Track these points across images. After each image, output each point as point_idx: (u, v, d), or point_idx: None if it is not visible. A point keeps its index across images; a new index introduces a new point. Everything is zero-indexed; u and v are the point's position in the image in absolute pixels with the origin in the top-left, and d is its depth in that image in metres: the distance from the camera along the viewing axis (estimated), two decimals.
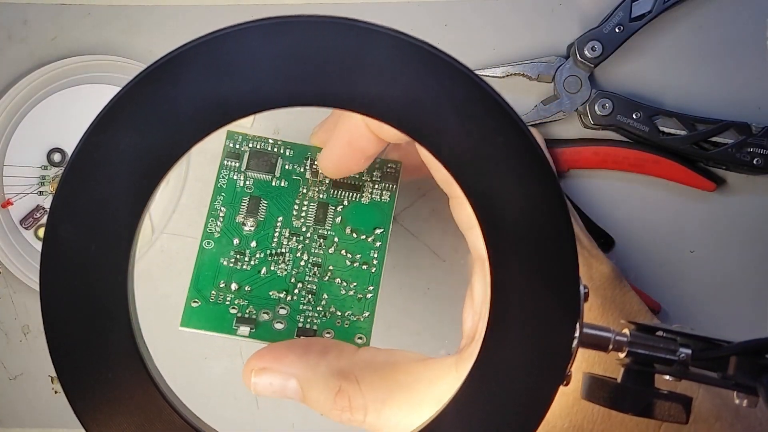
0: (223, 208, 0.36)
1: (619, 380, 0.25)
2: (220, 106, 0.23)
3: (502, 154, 0.22)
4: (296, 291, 0.36)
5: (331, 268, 0.36)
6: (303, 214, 0.36)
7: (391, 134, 0.32)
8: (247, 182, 0.36)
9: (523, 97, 0.42)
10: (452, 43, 0.42)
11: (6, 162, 0.41)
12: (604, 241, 0.42)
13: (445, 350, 0.42)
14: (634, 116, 0.41)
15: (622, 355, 0.25)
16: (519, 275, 0.23)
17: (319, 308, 0.36)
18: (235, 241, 0.36)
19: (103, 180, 0.23)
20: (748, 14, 0.42)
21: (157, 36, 0.42)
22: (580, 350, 0.24)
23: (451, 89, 0.23)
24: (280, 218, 0.36)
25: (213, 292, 0.35)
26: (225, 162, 0.37)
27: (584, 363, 0.32)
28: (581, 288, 0.23)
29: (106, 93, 0.41)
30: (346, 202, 0.36)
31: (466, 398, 0.23)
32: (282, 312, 0.35)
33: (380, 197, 0.36)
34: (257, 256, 0.36)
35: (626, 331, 0.25)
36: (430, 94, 0.23)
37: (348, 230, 0.36)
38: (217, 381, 0.42)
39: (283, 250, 0.36)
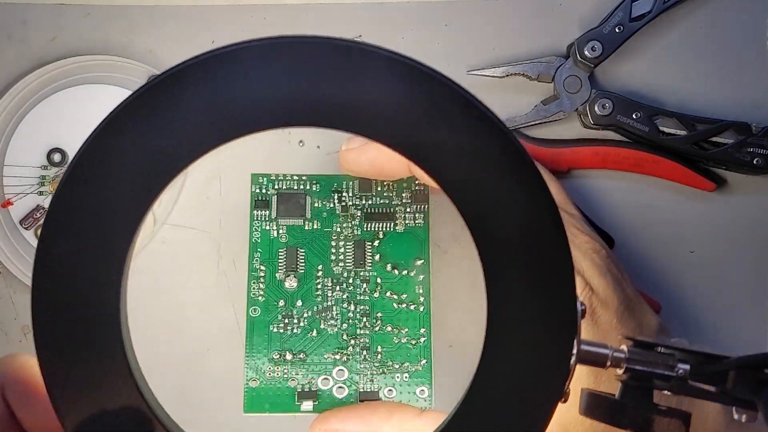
0: (262, 267, 0.36)
1: (617, 396, 0.25)
2: (216, 125, 0.23)
3: (496, 172, 0.22)
4: (350, 348, 0.35)
5: (379, 315, 0.36)
6: (341, 257, 0.36)
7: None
8: (280, 231, 0.36)
9: (523, 97, 0.42)
10: (452, 43, 0.42)
11: (6, 162, 0.41)
12: (604, 241, 0.42)
13: None
14: (634, 116, 0.41)
15: (620, 371, 0.24)
16: (515, 292, 0.23)
17: (376, 364, 0.35)
18: (281, 303, 0.36)
19: (96, 197, 0.22)
20: (748, 14, 0.42)
21: (157, 36, 0.42)
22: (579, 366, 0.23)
23: (446, 110, 0.22)
24: (320, 266, 0.36)
25: (269, 367, 0.35)
26: (255, 213, 0.36)
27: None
28: (578, 305, 0.23)
29: (106, 93, 0.41)
30: (381, 235, 0.36)
31: (465, 415, 0.23)
32: (340, 376, 0.35)
33: (414, 222, 0.36)
34: (305, 315, 0.36)
35: (624, 347, 0.25)
36: (425, 115, 0.23)
37: (389, 267, 0.36)
38: (215, 378, 0.42)
39: (329, 303, 0.36)
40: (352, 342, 0.35)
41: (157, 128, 0.22)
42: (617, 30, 0.40)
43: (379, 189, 0.37)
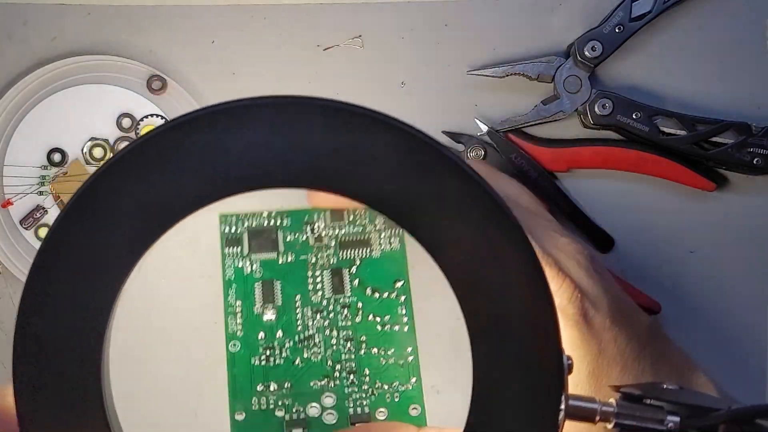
0: (238, 302, 0.35)
1: None
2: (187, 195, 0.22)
3: (479, 231, 0.22)
4: (336, 374, 0.35)
5: (363, 338, 0.35)
6: (319, 286, 0.35)
7: None
8: (254, 266, 0.35)
9: (523, 97, 0.42)
10: (452, 43, 0.42)
11: (6, 162, 0.41)
12: (604, 241, 0.42)
13: None
14: (634, 116, 0.41)
15: (609, 425, 0.24)
16: (501, 350, 0.22)
17: (365, 386, 0.35)
18: (261, 336, 0.35)
19: (72, 274, 0.22)
20: (748, 14, 0.42)
21: (157, 36, 0.42)
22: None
23: (428, 170, 0.22)
24: (298, 297, 0.35)
25: (254, 399, 0.34)
26: (226, 251, 0.35)
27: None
28: (565, 360, 0.23)
29: (106, 93, 0.41)
30: (357, 261, 0.35)
31: None
32: (329, 401, 0.34)
33: (390, 246, 0.36)
34: (287, 345, 0.35)
35: (612, 401, 0.24)
36: (404, 174, 0.22)
37: (368, 291, 0.35)
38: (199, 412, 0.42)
39: (310, 332, 0.35)
40: (338, 367, 0.35)
41: (128, 200, 0.22)
42: (617, 30, 0.40)
43: (351, 218, 0.36)
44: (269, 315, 0.35)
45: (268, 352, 0.35)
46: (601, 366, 0.32)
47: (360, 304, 0.35)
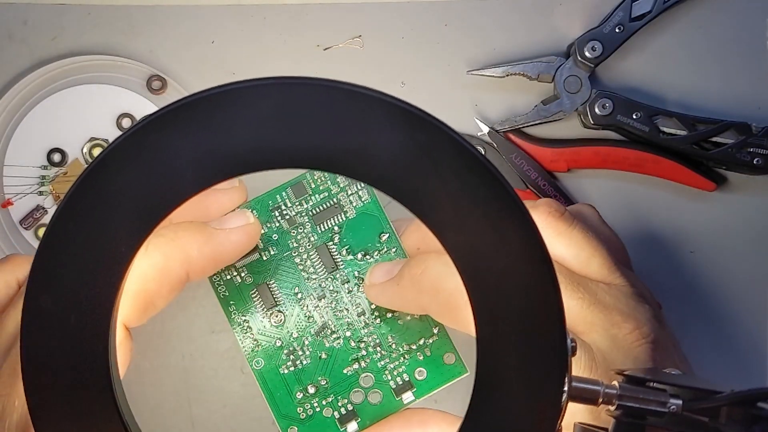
0: (243, 317, 0.34)
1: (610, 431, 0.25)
2: (205, 167, 0.22)
3: (483, 211, 0.22)
4: (363, 352, 0.34)
5: (374, 306, 0.34)
6: (312, 270, 0.34)
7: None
8: (242, 273, 0.34)
9: (523, 97, 0.42)
10: (452, 43, 0.42)
11: (6, 162, 0.41)
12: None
13: None
14: (634, 116, 0.41)
15: (612, 407, 0.24)
16: (504, 331, 0.22)
17: (394, 354, 0.34)
18: (278, 343, 0.34)
19: (80, 250, 0.22)
20: (748, 14, 0.42)
21: (157, 36, 0.42)
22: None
23: (432, 149, 0.22)
24: (296, 289, 0.34)
25: (299, 409, 0.34)
26: None
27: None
28: (569, 341, 0.23)
29: (106, 93, 0.41)
30: (337, 229, 0.35)
31: None
32: (368, 382, 0.34)
33: (361, 201, 0.35)
34: (306, 343, 0.34)
35: (615, 383, 0.24)
36: (409, 154, 0.22)
37: (360, 256, 0.34)
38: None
39: (323, 320, 0.34)
40: (362, 345, 0.35)
41: (144, 171, 0.22)
42: (617, 30, 0.40)
43: (313, 186, 0.35)
44: (276, 321, 0.34)
45: (292, 357, 0.34)
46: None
47: (357, 273, 0.35)
